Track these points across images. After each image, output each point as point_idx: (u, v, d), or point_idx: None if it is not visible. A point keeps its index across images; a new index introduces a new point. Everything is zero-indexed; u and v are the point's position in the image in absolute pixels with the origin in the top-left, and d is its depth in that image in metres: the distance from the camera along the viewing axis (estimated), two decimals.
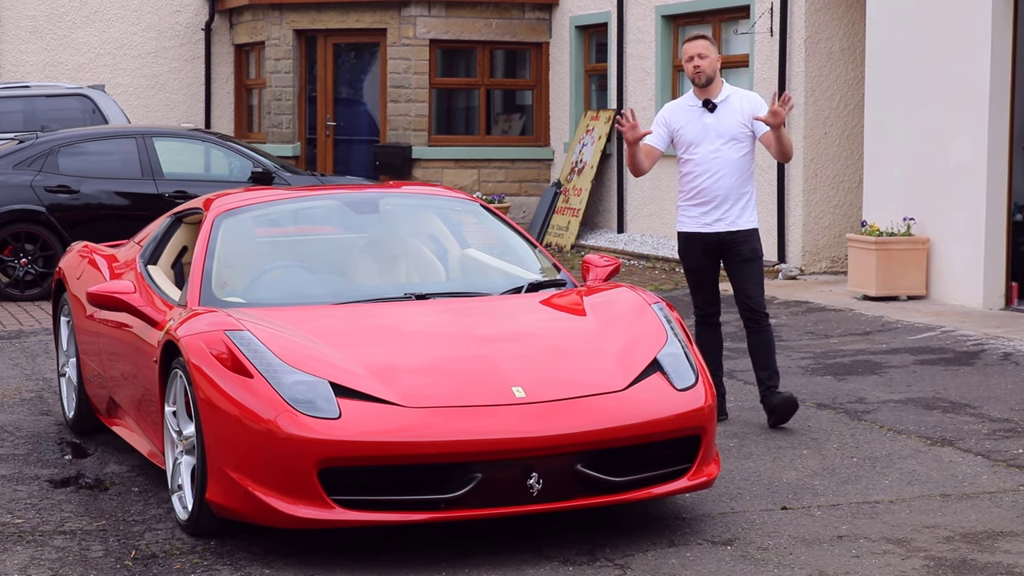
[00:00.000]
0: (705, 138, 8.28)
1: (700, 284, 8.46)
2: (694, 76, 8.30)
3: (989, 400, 9.04)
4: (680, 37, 17.93)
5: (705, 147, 8.28)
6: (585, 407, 6.04)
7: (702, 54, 8.25)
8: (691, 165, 8.35)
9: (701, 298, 8.47)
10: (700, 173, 8.29)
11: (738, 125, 8.27)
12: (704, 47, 8.27)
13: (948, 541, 6.20)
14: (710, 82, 8.30)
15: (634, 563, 5.92)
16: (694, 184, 8.34)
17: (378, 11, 20.41)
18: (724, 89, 8.36)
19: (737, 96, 8.34)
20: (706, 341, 8.41)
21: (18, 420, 8.76)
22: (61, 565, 5.95)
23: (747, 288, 8.32)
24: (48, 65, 21.89)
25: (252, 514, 5.93)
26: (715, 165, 8.26)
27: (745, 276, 8.33)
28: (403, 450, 5.79)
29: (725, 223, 8.27)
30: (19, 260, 14.46)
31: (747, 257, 8.31)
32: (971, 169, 12.82)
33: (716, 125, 8.27)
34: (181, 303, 6.89)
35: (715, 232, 8.29)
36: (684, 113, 8.40)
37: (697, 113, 8.34)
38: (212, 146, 15.56)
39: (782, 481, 7.18)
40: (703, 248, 8.35)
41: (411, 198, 8.19)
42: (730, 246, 8.31)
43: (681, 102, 8.50)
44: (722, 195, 8.26)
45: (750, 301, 8.32)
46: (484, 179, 20.50)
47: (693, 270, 8.46)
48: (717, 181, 8.26)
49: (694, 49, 8.28)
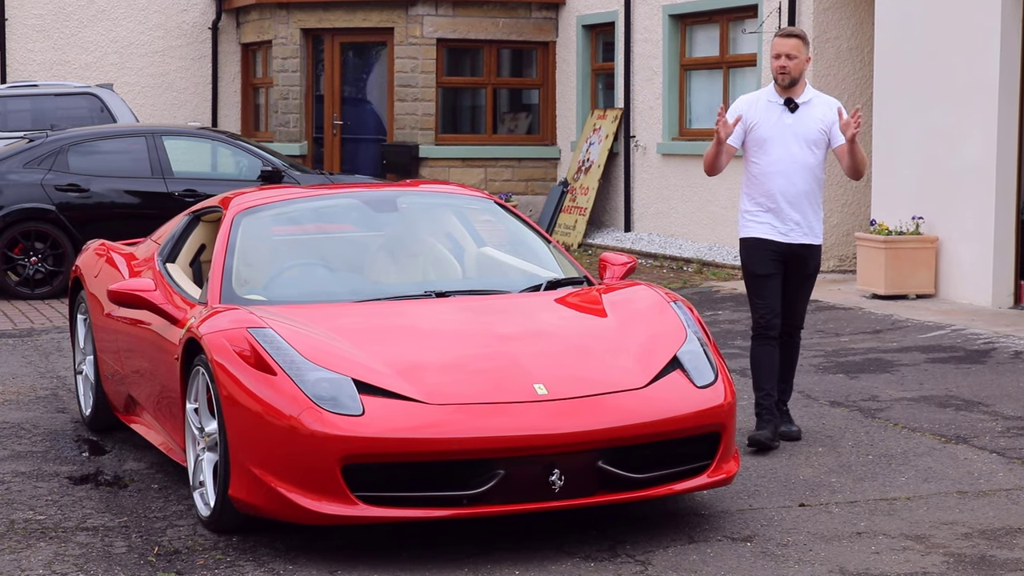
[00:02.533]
0: (782, 139, 7.78)
1: (768, 291, 7.86)
2: (778, 75, 7.79)
3: (1001, 398, 9.07)
4: (688, 36, 17.98)
5: (780, 149, 7.78)
6: (606, 404, 6.08)
7: (791, 54, 7.76)
8: (763, 166, 7.82)
9: (766, 307, 7.86)
10: (774, 174, 7.78)
11: (817, 129, 7.80)
12: (795, 47, 7.77)
13: (967, 538, 6.23)
14: (794, 84, 7.81)
15: (654, 559, 5.95)
16: (766, 187, 7.81)
17: (385, 10, 20.44)
18: (807, 91, 7.88)
19: (820, 100, 7.89)
20: (763, 358, 7.91)
21: (35, 418, 8.79)
22: (85, 561, 5.99)
23: (798, 304, 7.98)
24: (55, 64, 21.93)
25: (275, 510, 5.97)
26: (791, 168, 7.77)
27: (801, 293, 7.97)
28: (426, 447, 5.82)
29: (800, 233, 7.81)
30: (29, 259, 14.50)
31: (810, 273, 7.94)
32: (980, 168, 12.85)
33: (796, 126, 7.79)
34: (202, 301, 6.93)
35: (788, 243, 7.81)
36: (762, 109, 7.87)
37: (777, 111, 7.83)
38: (221, 145, 15.59)
39: (799, 478, 7.21)
40: (773, 256, 7.84)
41: (429, 196, 8.23)
42: (797, 258, 7.86)
43: (760, 96, 7.94)
44: (795, 202, 7.78)
45: (797, 318, 8.01)
46: (491, 178, 20.54)
47: (762, 276, 7.85)
48: (791, 186, 7.78)
49: (784, 47, 7.77)
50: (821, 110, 7.84)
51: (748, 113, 7.86)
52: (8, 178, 14.60)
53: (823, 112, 7.84)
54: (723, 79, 17.41)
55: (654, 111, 18.38)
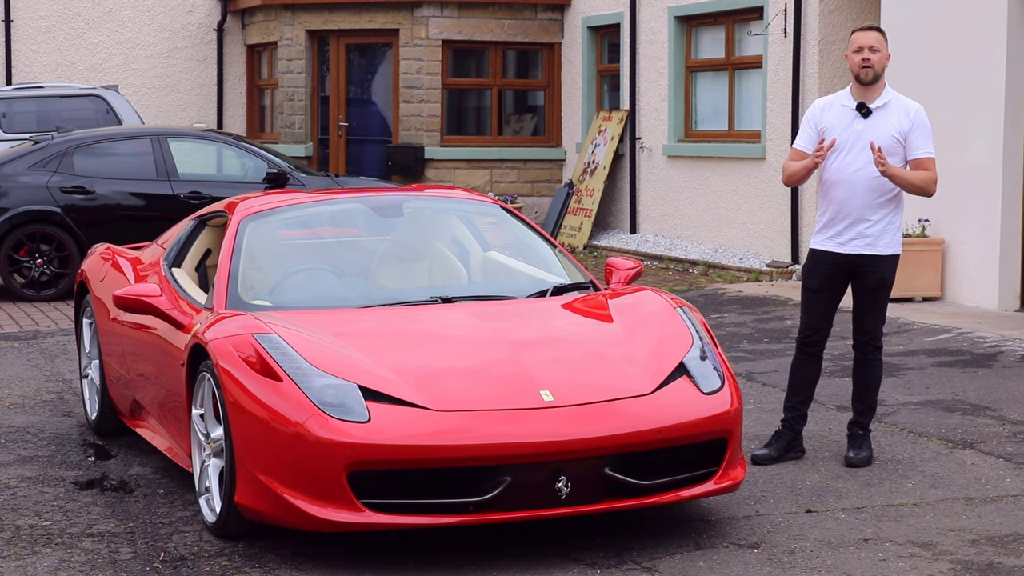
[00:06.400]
0: (852, 147, 7.38)
1: (812, 306, 7.58)
2: (860, 71, 7.32)
3: (1008, 402, 9.05)
4: (693, 38, 17.97)
5: (848, 156, 7.38)
6: (612, 411, 6.07)
7: (874, 47, 7.31)
8: (830, 174, 7.43)
9: (807, 323, 7.60)
10: (838, 183, 7.39)
11: (891, 137, 7.35)
12: (877, 40, 7.33)
13: (974, 544, 6.22)
14: (876, 80, 7.35)
15: (661, 566, 5.94)
16: (830, 195, 7.45)
17: (390, 12, 20.44)
18: (885, 93, 7.42)
19: (898, 104, 7.42)
20: (800, 370, 7.67)
21: (40, 422, 8.79)
22: (91, 568, 5.98)
23: (864, 320, 7.56)
24: (61, 65, 21.94)
25: (280, 517, 5.96)
26: (857, 178, 7.36)
27: (867, 306, 7.54)
28: (432, 453, 5.81)
29: (859, 243, 7.41)
30: (35, 261, 14.51)
31: (873, 286, 7.47)
32: (986, 171, 12.84)
33: (867, 133, 7.34)
34: (208, 306, 6.92)
35: (844, 253, 7.44)
36: (836, 113, 7.45)
37: (849, 116, 7.41)
38: (226, 147, 15.60)
39: (805, 484, 7.20)
40: (828, 269, 7.49)
41: (434, 201, 8.21)
42: (858, 271, 7.46)
43: (834, 100, 7.52)
44: (858, 213, 7.38)
45: (865, 335, 7.58)
46: (496, 179, 20.53)
47: (812, 290, 7.57)
48: (855, 196, 7.38)
49: (865, 40, 7.33)
50: (897, 116, 7.39)
51: (821, 117, 7.50)
52: (14, 180, 14.61)
53: (899, 119, 7.39)
54: (729, 81, 17.39)
55: (660, 113, 18.37)
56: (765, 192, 16.45)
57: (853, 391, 7.73)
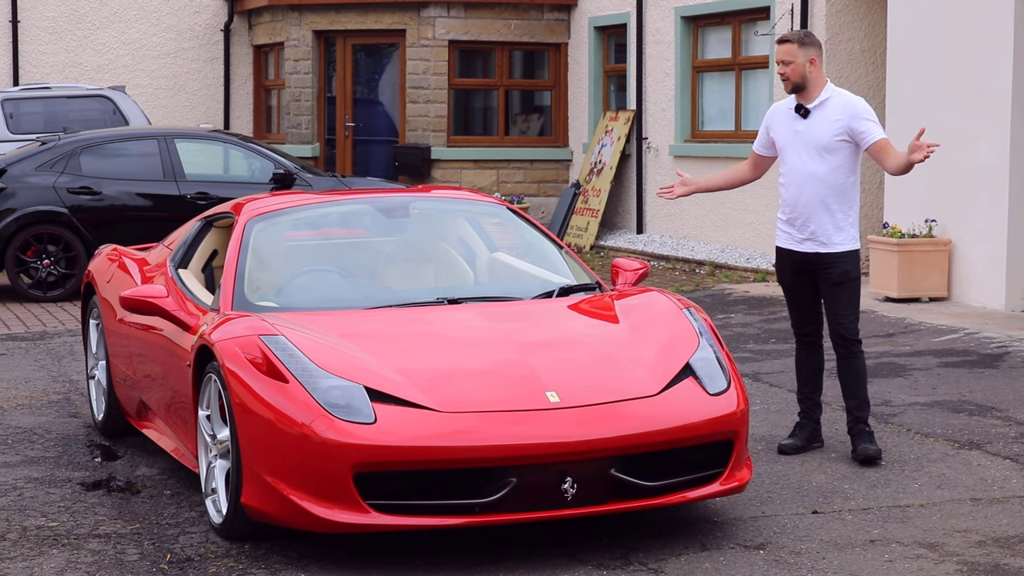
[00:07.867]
0: (793, 148, 7.65)
1: (794, 302, 7.88)
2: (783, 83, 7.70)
3: (1015, 403, 9.04)
4: (700, 38, 17.96)
5: (793, 157, 7.65)
6: (619, 412, 6.07)
7: (784, 60, 7.59)
8: (782, 176, 7.74)
9: (795, 316, 7.90)
10: (787, 185, 7.68)
11: (829, 133, 7.56)
12: (787, 52, 7.57)
13: (980, 545, 6.21)
14: (800, 89, 7.61)
15: (667, 567, 5.94)
16: (783, 197, 7.74)
17: (397, 12, 20.45)
18: (824, 92, 7.62)
19: (837, 100, 7.61)
20: (802, 361, 7.91)
21: (47, 422, 8.80)
22: (98, 569, 5.99)
23: (835, 313, 7.68)
24: (68, 66, 21.97)
25: (287, 518, 5.96)
26: (800, 178, 7.61)
27: (833, 300, 7.68)
28: (438, 455, 5.81)
29: (814, 243, 7.64)
30: (42, 261, 14.52)
31: (836, 281, 7.64)
32: (993, 171, 12.83)
33: (806, 134, 7.60)
34: (214, 307, 6.93)
35: (803, 252, 7.69)
36: (780, 117, 7.76)
37: (790, 119, 7.69)
38: (233, 147, 15.61)
39: (812, 485, 7.19)
40: (791, 266, 7.78)
41: (441, 202, 8.21)
42: (820, 268, 7.68)
43: (782, 104, 7.82)
44: (806, 212, 7.61)
45: (838, 327, 7.68)
46: (503, 180, 20.54)
47: (785, 287, 7.90)
48: (802, 196, 7.62)
49: (778, 54, 7.63)
50: (835, 112, 7.56)
51: (770, 120, 7.81)
52: (21, 181, 14.63)
53: (838, 114, 7.56)
54: (735, 81, 17.39)
55: (666, 113, 18.36)
56: (772, 192, 16.41)
57: (842, 390, 7.81)
